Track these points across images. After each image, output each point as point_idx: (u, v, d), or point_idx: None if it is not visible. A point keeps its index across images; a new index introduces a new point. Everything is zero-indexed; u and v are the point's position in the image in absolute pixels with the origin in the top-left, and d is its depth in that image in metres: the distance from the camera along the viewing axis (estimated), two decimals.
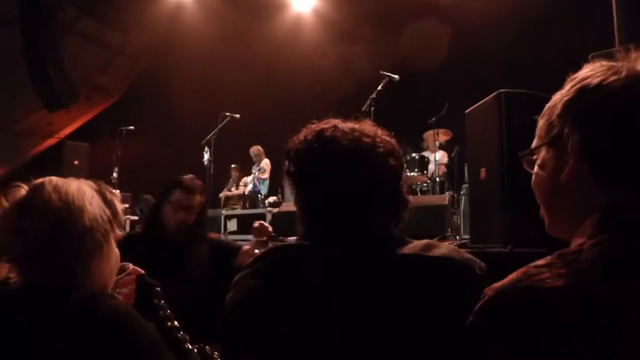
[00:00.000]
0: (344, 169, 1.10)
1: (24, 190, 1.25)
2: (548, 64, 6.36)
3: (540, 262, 0.80)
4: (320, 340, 1.00)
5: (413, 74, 6.63)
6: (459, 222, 5.91)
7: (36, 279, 1.19)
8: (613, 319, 0.71)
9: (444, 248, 1.08)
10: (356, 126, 1.17)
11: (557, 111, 0.90)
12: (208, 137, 6.46)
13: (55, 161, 8.36)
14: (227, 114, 6.48)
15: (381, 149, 1.13)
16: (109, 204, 1.29)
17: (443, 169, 7.18)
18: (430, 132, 7.02)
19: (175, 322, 1.53)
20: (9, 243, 1.21)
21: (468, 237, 4.29)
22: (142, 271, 1.53)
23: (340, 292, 1.02)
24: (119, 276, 1.44)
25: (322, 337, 1.00)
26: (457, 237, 4.47)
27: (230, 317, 1.09)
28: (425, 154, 7.11)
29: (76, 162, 7.95)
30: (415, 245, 1.08)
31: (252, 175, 8.27)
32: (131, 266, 1.51)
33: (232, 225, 5.26)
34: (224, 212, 5.40)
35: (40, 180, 1.25)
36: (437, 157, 6.88)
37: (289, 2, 9.60)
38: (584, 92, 0.87)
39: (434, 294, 1.00)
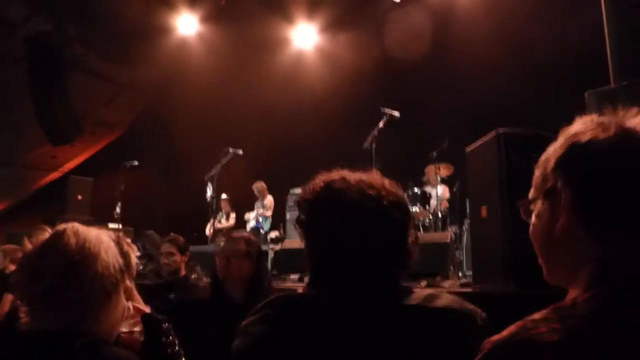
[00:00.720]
0: (349, 221, 1.13)
1: (47, 233, 1.30)
2: (546, 101, 6.46)
3: (537, 316, 0.82)
4: None
5: (414, 109, 6.69)
6: (461, 257, 5.89)
7: (45, 321, 1.23)
8: None
9: (446, 299, 1.09)
10: (364, 177, 1.19)
11: (550, 165, 0.93)
12: (211, 173, 6.48)
13: (59, 195, 8.39)
14: (230, 149, 6.52)
15: (386, 202, 1.15)
16: (124, 255, 1.33)
17: (445, 203, 7.17)
18: (432, 166, 7.05)
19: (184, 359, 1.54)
20: (26, 282, 1.25)
21: (471, 273, 4.29)
22: (147, 310, 1.54)
23: (345, 342, 1.04)
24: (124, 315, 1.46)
25: None
26: (460, 274, 4.45)
27: None
28: (427, 188, 7.12)
29: (79, 197, 7.97)
30: (418, 295, 1.10)
31: (255, 212, 8.25)
32: (134, 305, 1.52)
33: None
34: None
35: (64, 225, 1.30)
36: (439, 192, 6.89)
37: (290, 39, 9.77)
38: (575, 149, 0.90)
39: (436, 344, 1.02)
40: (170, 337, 1.53)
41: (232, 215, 8.77)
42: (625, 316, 0.77)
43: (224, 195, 8.93)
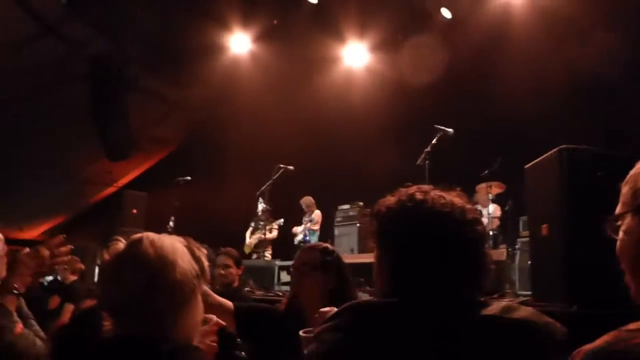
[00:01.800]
0: (434, 232, 1.15)
1: (122, 244, 1.36)
2: (607, 120, 6.29)
3: (632, 326, 0.83)
4: None
5: (467, 127, 6.63)
6: (514, 277, 5.77)
7: (129, 328, 1.27)
8: None
9: (524, 311, 1.09)
10: (445, 194, 1.22)
11: None
12: (262, 188, 6.59)
13: (115, 209, 8.68)
14: (282, 165, 6.63)
15: (470, 216, 1.18)
16: (197, 259, 1.36)
17: (496, 222, 7.05)
18: (483, 185, 6.95)
19: None
20: (108, 293, 1.31)
21: (524, 292, 4.19)
22: (224, 323, 1.58)
23: (421, 352, 1.05)
24: (202, 327, 1.51)
25: None
26: (515, 294, 4.36)
27: None
28: (478, 207, 7.02)
29: (134, 211, 8.23)
30: (495, 307, 1.10)
31: (303, 226, 8.30)
32: (214, 318, 1.57)
33: (286, 276, 5.29)
34: (278, 262, 5.45)
35: (138, 235, 1.35)
36: (490, 211, 6.79)
37: (341, 57, 9.88)
38: None
39: (515, 355, 1.02)
40: (243, 353, 1.57)
41: (275, 226, 8.64)
42: None
43: (264, 206, 8.63)
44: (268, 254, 8.41)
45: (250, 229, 8.74)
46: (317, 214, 8.25)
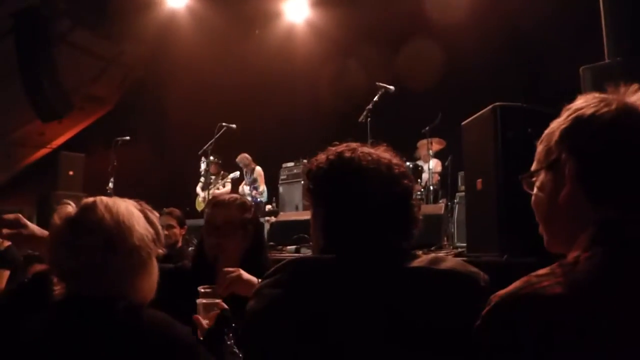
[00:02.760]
0: (363, 188, 1.19)
1: (71, 207, 1.33)
2: (538, 76, 6.51)
3: (541, 271, 0.91)
4: (336, 348, 1.07)
5: (406, 84, 6.71)
6: (453, 230, 6.00)
7: (83, 292, 1.27)
8: (604, 324, 0.81)
9: (450, 262, 1.16)
10: (372, 150, 1.25)
11: (555, 138, 1.01)
12: (205, 148, 6.49)
13: (50, 172, 8.34)
14: (224, 124, 6.52)
15: (396, 170, 1.22)
16: (151, 223, 1.37)
17: (437, 177, 7.26)
18: (424, 141, 7.11)
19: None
20: (60, 258, 1.28)
21: (463, 244, 4.38)
22: (226, 307, 1.60)
23: (354, 304, 1.10)
24: (211, 313, 1.59)
25: (338, 345, 1.07)
26: (452, 246, 4.55)
27: (252, 325, 1.16)
28: (419, 162, 7.20)
29: (71, 173, 7.93)
30: (423, 259, 1.16)
31: (249, 187, 8.20)
32: (221, 303, 1.62)
33: None
34: None
35: (91, 199, 1.33)
36: (431, 166, 6.97)
37: (282, 12, 9.68)
38: (579, 122, 0.98)
39: (441, 303, 1.08)
40: (232, 336, 1.58)
41: (228, 180, 8.28)
42: (623, 273, 0.86)
43: (212, 158, 8.05)
44: None
45: (200, 184, 8.48)
46: (257, 172, 8.09)
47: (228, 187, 8.27)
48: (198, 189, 8.51)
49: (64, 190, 7.66)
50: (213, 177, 8.38)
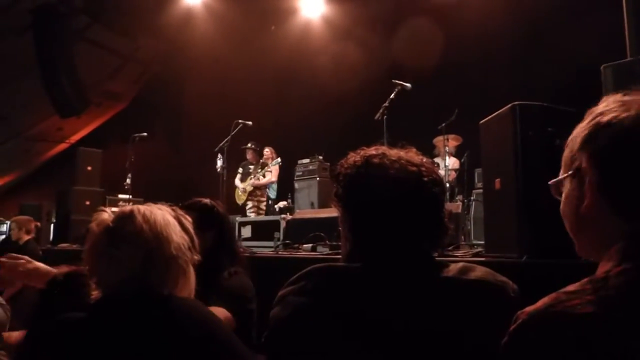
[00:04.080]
0: (390, 196, 1.17)
1: (107, 214, 1.35)
2: (559, 75, 6.41)
3: (570, 288, 0.87)
4: (363, 358, 1.06)
5: (423, 80, 6.66)
6: (469, 227, 5.96)
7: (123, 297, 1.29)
8: (635, 345, 0.77)
9: (480, 271, 1.14)
10: (402, 154, 1.23)
11: (577, 144, 0.97)
12: (221, 144, 6.50)
13: (68, 167, 8.44)
14: (240, 121, 6.51)
15: (426, 178, 1.19)
16: (186, 230, 1.39)
17: (453, 174, 7.22)
18: (440, 138, 7.06)
19: None
20: (101, 269, 1.31)
21: (479, 242, 4.35)
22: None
23: (383, 315, 1.08)
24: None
25: (365, 356, 1.06)
26: (469, 245, 4.52)
27: (277, 332, 1.15)
28: (437, 159, 7.16)
29: (89, 168, 8.00)
30: (452, 268, 1.14)
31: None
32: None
33: (247, 232, 5.31)
34: (238, 218, 5.45)
35: (128, 208, 1.35)
36: (448, 163, 6.93)
37: (298, 8, 9.67)
38: (597, 129, 0.93)
39: (471, 314, 1.07)
40: None
41: (269, 169, 7.87)
42: None
43: (250, 145, 8.10)
44: (263, 206, 8.01)
45: (239, 175, 8.27)
46: (274, 166, 8.02)
47: (269, 176, 7.98)
48: (237, 181, 8.27)
49: (83, 185, 7.75)
50: (252, 166, 8.18)
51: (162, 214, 1.34)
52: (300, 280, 1.18)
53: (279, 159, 7.86)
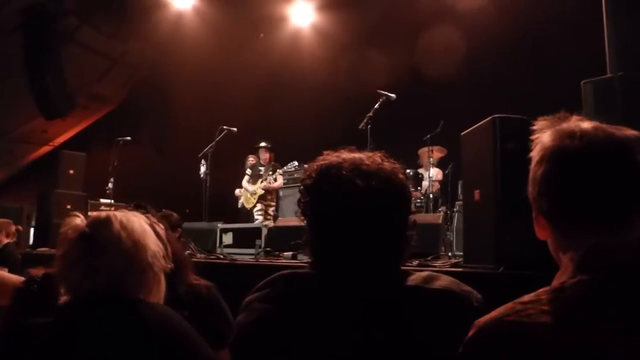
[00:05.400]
0: (345, 207, 1.15)
1: (80, 219, 1.33)
2: (540, 89, 6.50)
3: (526, 298, 0.89)
4: None
5: (409, 91, 6.70)
6: (452, 238, 5.98)
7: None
8: (588, 354, 0.78)
9: (444, 280, 1.13)
10: (362, 162, 1.19)
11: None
12: (205, 150, 6.47)
13: (51, 170, 8.34)
14: (225, 127, 6.50)
15: (382, 186, 1.16)
16: (160, 239, 1.39)
17: (437, 185, 7.25)
18: (425, 149, 7.10)
19: None
20: (76, 277, 1.28)
21: (461, 253, 4.36)
22: None
23: (346, 324, 1.08)
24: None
25: None
26: (450, 254, 4.53)
27: (242, 337, 1.15)
28: (421, 170, 7.19)
29: (72, 172, 7.92)
30: (417, 276, 1.14)
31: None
32: None
33: (228, 238, 5.29)
34: (220, 225, 5.42)
35: (104, 214, 1.33)
36: (432, 174, 6.96)
37: (287, 16, 9.69)
38: (540, 157, 0.99)
39: (433, 323, 1.06)
40: None
41: (281, 172, 7.53)
42: (608, 301, 0.83)
43: (263, 144, 7.87)
44: (271, 211, 7.69)
45: (247, 177, 8.04)
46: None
47: (280, 180, 7.67)
48: (244, 183, 8.07)
49: (65, 189, 7.66)
50: (262, 168, 7.93)
51: (138, 221, 1.34)
52: (265, 287, 1.18)
53: (294, 163, 7.50)
